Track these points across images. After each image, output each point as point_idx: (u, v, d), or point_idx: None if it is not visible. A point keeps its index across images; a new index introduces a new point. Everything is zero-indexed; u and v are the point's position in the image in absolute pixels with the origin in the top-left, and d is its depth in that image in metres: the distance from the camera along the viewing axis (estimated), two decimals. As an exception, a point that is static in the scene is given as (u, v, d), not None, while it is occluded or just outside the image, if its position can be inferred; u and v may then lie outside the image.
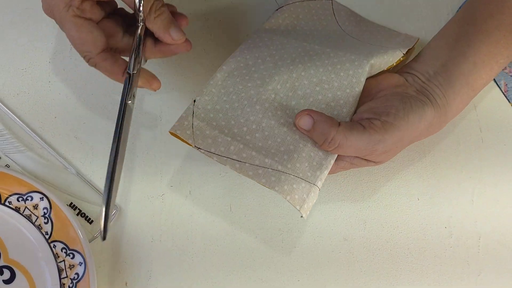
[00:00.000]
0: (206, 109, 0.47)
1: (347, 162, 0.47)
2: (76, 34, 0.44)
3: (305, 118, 0.45)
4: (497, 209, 0.52)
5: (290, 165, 0.45)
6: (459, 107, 0.48)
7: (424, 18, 0.57)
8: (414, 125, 0.45)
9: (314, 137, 0.45)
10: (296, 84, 0.48)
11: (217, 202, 0.51)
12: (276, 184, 0.44)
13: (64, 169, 0.52)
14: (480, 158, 0.53)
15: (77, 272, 0.47)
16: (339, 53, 0.49)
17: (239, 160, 0.45)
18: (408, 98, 0.46)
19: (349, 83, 0.47)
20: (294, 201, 0.44)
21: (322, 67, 0.48)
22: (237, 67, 0.49)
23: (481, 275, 0.50)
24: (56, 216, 0.48)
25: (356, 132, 0.44)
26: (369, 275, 0.50)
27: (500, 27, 0.47)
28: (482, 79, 0.48)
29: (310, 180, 0.45)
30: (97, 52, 0.45)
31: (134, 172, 0.52)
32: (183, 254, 0.50)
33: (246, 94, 0.48)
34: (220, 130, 0.46)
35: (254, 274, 0.50)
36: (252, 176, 0.45)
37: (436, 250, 0.51)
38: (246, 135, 0.46)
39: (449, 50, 0.48)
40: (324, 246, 0.51)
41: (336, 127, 0.44)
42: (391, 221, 0.51)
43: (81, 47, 0.45)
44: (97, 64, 0.45)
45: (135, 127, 0.53)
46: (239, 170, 0.45)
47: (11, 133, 0.52)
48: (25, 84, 0.54)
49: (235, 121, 0.47)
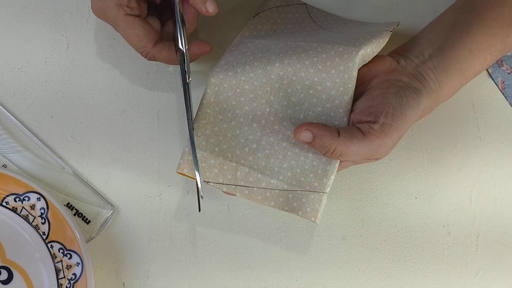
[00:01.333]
0: (205, 134, 0.47)
1: (349, 161, 0.47)
2: (131, 31, 0.47)
3: (304, 133, 0.44)
4: (495, 208, 0.52)
5: (295, 182, 0.46)
6: (450, 91, 0.48)
7: (421, 14, 0.57)
8: (411, 119, 0.45)
9: (315, 148, 0.45)
10: (288, 91, 0.47)
11: (215, 202, 0.51)
12: (285, 205, 0.46)
13: (61, 169, 0.51)
14: (478, 156, 0.53)
15: (75, 272, 0.47)
16: (327, 47, 0.48)
17: (247, 186, 0.46)
18: (404, 91, 0.46)
19: (341, 81, 0.47)
20: (306, 214, 0.45)
21: (312, 66, 0.47)
22: (226, 77, 0.47)
23: (479, 274, 0.50)
24: (53, 217, 0.48)
25: (356, 140, 0.44)
26: (367, 274, 0.50)
27: (499, 19, 0.47)
28: (475, 68, 0.48)
29: (318, 189, 0.45)
30: (152, 46, 0.48)
31: (131, 172, 0.52)
32: (181, 254, 0.50)
33: (241, 111, 0.47)
34: (224, 156, 0.47)
35: (252, 273, 0.50)
36: (261, 201, 0.46)
37: (434, 249, 0.51)
38: (249, 156, 0.47)
39: (446, 34, 0.48)
40: (322, 245, 0.51)
41: (337, 139, 0.44)
42: (389, 220, 0.51)
43: (138, 44, 0.47)
44: (155, 56, 0.48)
45: (131, 126, 0.53)
46: (249, 196, 0.46)
47: (8, 133, 0.52)
48: (21, 84, 0.54)
49: (236, 141, 0.47)
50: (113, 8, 0.46)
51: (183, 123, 0.53)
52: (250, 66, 0.48)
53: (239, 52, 0.49)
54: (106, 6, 0.46)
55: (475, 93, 0.55)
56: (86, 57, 0.55)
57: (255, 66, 0.47)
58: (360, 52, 0.47)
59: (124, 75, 0.54)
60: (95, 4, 0.47)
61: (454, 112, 0.54)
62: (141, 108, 0.54)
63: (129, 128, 0.53)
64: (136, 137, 0.53)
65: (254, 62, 0.48)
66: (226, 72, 0.48)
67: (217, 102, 0.48)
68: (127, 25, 0.47)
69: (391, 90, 0.46)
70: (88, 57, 0.55)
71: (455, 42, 0.48)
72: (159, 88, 0.54)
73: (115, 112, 0.53)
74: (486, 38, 0.47)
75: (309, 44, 0.48)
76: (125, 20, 0.46)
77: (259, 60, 0.48)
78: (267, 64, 0.47)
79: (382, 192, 0.52)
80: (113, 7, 0.46)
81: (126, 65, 0.54)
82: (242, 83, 0.47)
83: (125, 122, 0.53)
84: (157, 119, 0.53)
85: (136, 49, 0.48)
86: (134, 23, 0.47)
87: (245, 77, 0.47)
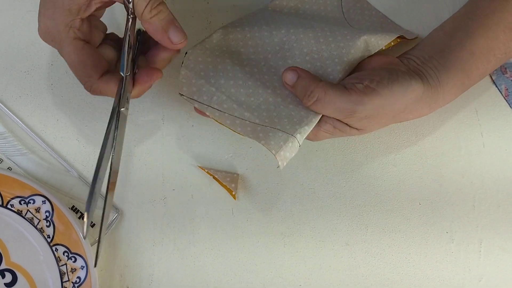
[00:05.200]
0: (196, 60, 0.48)
1: (330, 125, 0.47)
2: (76, 57, 0.43)
3: (291, 72, 0.46)
4: (498, 214, 0.52)
5: (267, 120, 0.46)
6: (452, 91, 0.48)
7: (425, 17, 0.57)
8: (398, 95, 0.45)
9: (296, 91, 0.46)
10: (287, 54, 0.50)
11: (219, 206, 0.51)
12: (251, 133, 0.45)
13: (66, 172, 0.52)
14: (482, 163, 0.53)
15: (79, 276, 0.47)
16: (333, 28, 0.51)
17: (219, 110, 0.46)
18: (397, 71, 0.47)
19: (338, 54, 0.49)
20: (269, 146, 0.44)
21: (314, 39, 0.50)
22: (233, 31, 0.50)
23: (482, 281, 0.50)
24: (58, 219, 0.48)
25: (336, 89, 0.44)
26: (370, 280, 0.50)
27: (500, 23, 0.48)
28: (478, 69, 0.48)
29: (288, 131, 0.45)
30: (98, 77, 0.43)
31: (135, 176, 0.52)
32: (184, 258, 0.50)
33: (238, 56, 0.49)
34: (207, 80, 0.47)
35: (256, 278, 0.50)
36: (229, 124, 0.46)
37: (438, 255, 0.51)
38: (231, 88, 0.47)
39: (447, 40, 0.49)
40: (326, 250, 0.51)
41: (317, 82, 0.45)
42: (393, 226, 0.51)
43: (82, 71, 0.43)
44: (101, 89, 0.44)
45: (136, 130, 0.53)
46: (218, 118, 0.46)
47: (13, 135, 0.52)
48: (27, 87, 0.54)
49: (224, 73, 0.48)
50: (62, 29, 0.42)
51: (188, 127, 0.53)
52: (258, 27, 0.51)
53: (254, 18, 0.52)
54: (55, 26, 0.42)
55: (478, 99, 0.55)
56: (91, 60, 0.55)
57: (262, 29, 0.51)
58: (363, 37, 0.49)
59: (129, 78, 0.55)
60: (43, 24, 0.43)
61: (458, 119, 0.54)
62: (146, 112, 0.54)
63: (134, 131, 0.53)
64: (140, 140, 0.53)
65: (263, 25, 0.51)
66: (235, 27, 0.50)
67: (218, 44, 0.50)
68: (74, 49, 0.43)
69: (385, 68, 0.47)
70: (93, 60, 0.55)
71: (456, 46, 0.48)
72: (164, 92, 0.54)
73: (120, 115, 0.53)
74: (487, 41, 0.48)
75: (319, 25, 0.51)
76: (72, 44, 0.42)
77: (268, 25, 0.51)
78: (274, 29, 0.51)
79: (386, 198, 0.52)
80: (62, 28, 0.42)
81: (132, 69, 0.55)
82: (246, 39, 0.50)
83: (130, 125, 0.53)
84: (162, 123, 0.54)
85: (80, 79, 0.44)
86: (83, 49, 0.43)
87: (250, 35, 0.50)
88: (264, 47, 0.50)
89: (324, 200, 0.52)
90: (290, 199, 0.52)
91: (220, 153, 0.53)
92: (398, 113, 0.47)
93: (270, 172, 0.52)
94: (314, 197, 0.52)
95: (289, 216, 0.51)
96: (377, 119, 0.46)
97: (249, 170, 0.52)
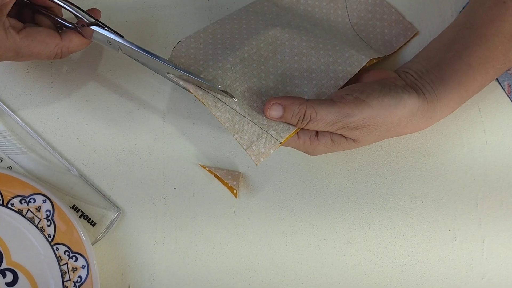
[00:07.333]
0: (189, 47, 0.49)
1: (328, 138, 0.46)
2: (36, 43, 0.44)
3: (273, 107, 0.45)
4: (501, 212, 0.52)
5: (247, 110, 0.46)
6: (450, 105, 0.48)
7: (428, 18, 0.57)
8: (389, 108, 0.45)
9: (288, 121, 0.45)
10: (278, 49, 0.50)
11: (220, 205, 0.51)
12: (228, 121, 0.45)
13: (67, 171, 0.51)
14: (485, 160, 0.53)
15: (80, 275, 0.47)
16: (325, 36, 0.51)
17: (203, 88, 0.46)
18: (389, 85, 0.46)
19: (325, 61, 0.50)
20: (241, 140, 0.44)
21: (306, 41, 0.50)
22: (230, 22, 0.51)
23: (485, 278, 0.50)
24: (59, 219, 0.48)
25: (325, 105, 0.44)
26: (373, 278, 0.50)
27: (499, 33, 0.47)
28: (477, 81, 0.48)
29: (263, 127, 0.45)
30: (60, 39, 0.45)
31: (137, 174, 0.52)
32: (186, 257, 0.50)
33: (231, 42, 0.49)
34: (196, 61, 0.48)
35: (258, 277, 0.50)
36: (210, 106, 0.45)
37: (440, 253, 0.50)
38: (218, 70, 0.47)
39: (444, 52, 0.49)
40: (328, 249, 0.50)
41: (305, 103, 0.44)
42: (395, 224, 0.51)
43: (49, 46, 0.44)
44: (69, 47, 0.45)
45: (136, 129, 0.53)
46: (201, 97, 0.46)
47: (13, 134, 0.52)
48: (27, 85, 0.54)
49: (213, 56, 0.48)
50: (3, 36, 0.42)
51: (189, 125, 0.53)
52: (255, 21, 0.52)
53: (253, 10, 0.53)
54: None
55: (481, 97, 0.55)
56: (92, 58, 0.55)
57: (259, 23, 0.51)
58: (350, 51, 0.50)
59: (130, 76, 0.54)
60: None
61: (461, 116, 0.54)
62: (147, 110, 0.53)
63: (134, 130, 0.53)
64: (141, 139, 0.53)
65: (259, 20, 0.52)
66: (232, 19, 0.51)
67: (213, 33, 0.50)
68: (28, 40, 0.43)
69: (378, 82, 0.47)
70: (94, 58, 0.55)
71: (453, 58, 0.48)
72: (165, 90, 0.54)
73: (121, 114, 0.53)
74: (485, 52, 0.47)
75: (313, 28, 0.52)
76: (23, 37, 0.43)
77: (264, 20, 0.52)
78: (269, 25, 0.51)
79: (388, 195, 0.52)
80: (3, 35, 0.42)
81: (132, 67, 0.54)
82: (242, 29, 0.51)
83: (131, 124, 0.53)
84: (162, 121, 0.53)
85: (50, 54, 0.45)
86: (33, 33, 0.43)
87: (246, 26, 0.51)
88: (258, 38, 0.50)
89: (326, 198, 0.52)
90: (291, 197, 0.51)
91: (222, 151, 0.52)
92: (392, 126, 0.46)
93: (272, 171, 0.52)
94: (315, 195, 0.52)
95: (291, 214, 0.51)
96: (370, 130, 0.46)
97: (250, 169, 0.52)
